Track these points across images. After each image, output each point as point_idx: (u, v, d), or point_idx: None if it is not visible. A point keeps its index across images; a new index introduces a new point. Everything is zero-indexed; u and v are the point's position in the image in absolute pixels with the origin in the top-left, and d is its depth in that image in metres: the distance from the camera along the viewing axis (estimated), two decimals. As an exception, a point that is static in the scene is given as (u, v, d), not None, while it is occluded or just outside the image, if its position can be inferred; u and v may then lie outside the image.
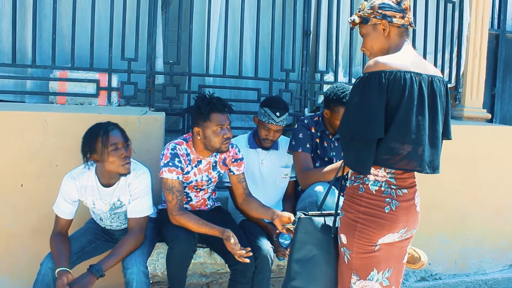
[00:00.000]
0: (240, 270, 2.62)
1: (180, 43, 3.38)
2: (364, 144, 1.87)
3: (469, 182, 3.93)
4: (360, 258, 1.97)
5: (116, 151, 2.47)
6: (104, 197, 2.60)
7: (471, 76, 4.28)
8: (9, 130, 2.87)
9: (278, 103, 2.97)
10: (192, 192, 2.85)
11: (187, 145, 2.75)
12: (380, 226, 1.92)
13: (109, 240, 2.81)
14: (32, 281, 2.49)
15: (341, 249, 2.05)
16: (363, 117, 1.85)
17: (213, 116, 2.62)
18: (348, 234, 1.98)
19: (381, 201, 1.92)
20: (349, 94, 2.01)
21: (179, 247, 2.57)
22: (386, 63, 1.88)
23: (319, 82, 3.78)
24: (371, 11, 2.03)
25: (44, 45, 3.24)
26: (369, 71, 1.88)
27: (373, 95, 1.84)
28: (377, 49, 2.05)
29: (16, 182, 2.90)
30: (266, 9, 3.62)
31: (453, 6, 4.17)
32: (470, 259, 4.01)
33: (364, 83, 1.88)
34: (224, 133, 2.65)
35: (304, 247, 2.10)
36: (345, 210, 2.01)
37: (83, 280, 2.35)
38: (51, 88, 3.16)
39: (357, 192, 1.96)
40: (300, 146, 3.00)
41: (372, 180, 1.94)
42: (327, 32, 3.80)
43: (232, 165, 2.85)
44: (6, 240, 2.91)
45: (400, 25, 2.01)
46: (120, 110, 3.17)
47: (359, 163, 1.89)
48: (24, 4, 3.14)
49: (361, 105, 1.86)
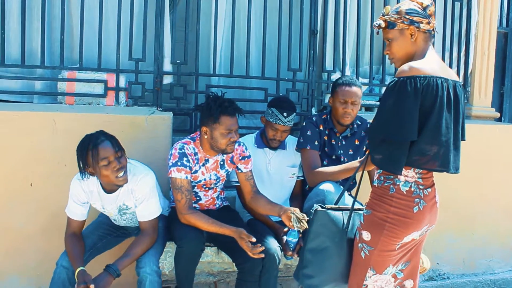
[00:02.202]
0: (247, 269, 2.63)
1: (187, 43, 3.39)
2: (397, 145, 1.95)
3: (478, 181, 3.91)
4: (381, 255, 2.06)
5: (107, 166, 2.42)
6: (109, 202, 2.61)
7: (479, 75, 4.26)
8: (18, 130, 2.90)
9: (285, 103, 2.97)
10: (201, 191, 2.86)
11: (194, 144, 2.75)
12: (407, 225, 2.01)
13: (120, 235, 2.83)
14: (41, 280, 2.53)
15: (358, 244, 2.12)
16: (397, 120, 1.92)
17: (223, 119, 2.62)
18: (375, 232, 2.05)
19: (410, 201, 2.00)
20: (382, 96, 2.06)
21: (187, 245, 2.57)
22: (420, 68, 1.94)
23: (326, 81, 3.77)
24: (398, 16, 2.06)
25: (53, 46, 3.26)
26: (403, 75, 1.94)
27: (409, 99, 1.91)
28: (403, 54, 2.09)
29: (25, 182, 2.93)
30: (273, 9, 3.62)
31: (461, 5, 4.14)
32: (478, 258, 4.00)
33: (399, 87, 1.93)
34: (231, 136, 2.65)
35: (317, 238, 2.23)
36: (373, 208, 2.07)
37: (102, 281, 2.37)
38: (60, 88, 3.18)
39: (387, 192, 2.03)
40: (308, 143, 3.01)
41: (402, 181, 2.01)
42: (334, 31, 3.79)
43: (240, 163, 2.85)
44: (15, 239, 2.93)
45: (426, 30, 2.06)
46: (128, 110, 3.19)
47: (392, 163, 1.97)
48: (32, 4, 3.16)
49: (396, 108, 1.93)
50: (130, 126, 2.95)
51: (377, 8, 3.86)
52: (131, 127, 2.94)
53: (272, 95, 3.52)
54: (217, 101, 2.63)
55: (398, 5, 2.12)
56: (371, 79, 3.89)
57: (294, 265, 3.21)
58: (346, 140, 3.12)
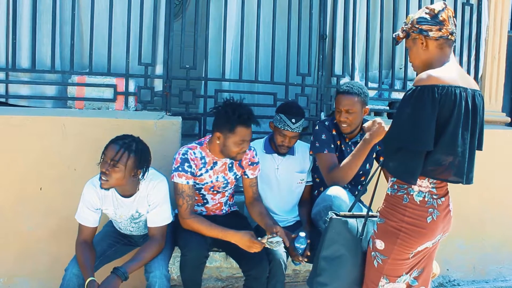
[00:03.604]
0: (254, 276, 2.62)
1: (197, 48, 3.39)
2: (412, 155, 1.93)
3: (488, 187, 3.88)
4: (394, 264, 2.05)
5: (102, 163, 2.46)
6: (123, 208, 2.61)
7: (489, 79, 4.22)
8: (28, 134, 2.92)
9: (293, 109, 2.96)
10: (208, 194, 2.86)
11: (201, 149, 2.75)
12: (421, 235, 2.00)
13: (128, 244, 2.83)
14: (51, 284, 2.53)
15: (372, 253, 2.11)
16: (414, 129, 1.91)
17: (239, 129, 2.62)
18: (388, 241, 2.04)
19: (424, 211, 1.99)
20: (399, 105, 2.04)
21: (191, 253, 2.57)
22: (439, 77, 1.93)
23: (335, 86, 3.75)
24: (411, 26, 2.09)
25: (63, 51, 3.28)
26: (421, 84, 1.93)
27: (426, 109, 1.89)
28: (418, 62, 2.11)
29: (35, 185, 2.95)
30: (282, 13, 3.62)
31: (471, 9, 4.12)
32: (489, 265, 3.96)
33: (417, 96, 1.92)
34: (243, 146, 2.66)
35: (332, 246, 2.22)
36: (386, 217, 2.06)
37: (110, 283, 2.36)
38: (70, 93, 3.20)
39: (401, 202, 2.01)
40: (325, 147, 2.99)
41: (416, 191, 2.00)
42: (343, 36, 3.78)
43: (248, 168, 2.86)
44: (25, 243, 2.95)
45: (438, 37, 2.04)
46: (137, 114, 3.20)
47: (407, 172, 1.95)
48: (42, 9, 3.18)
49: (413, 117, 1.91)
50: (139, 130, 2.95)
51: (386, 12, 3.85)
52: (140, 131, 2.94)
53: (281, 99, 3.51)
54: (236, 111, 2.61)
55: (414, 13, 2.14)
56: (380, 84, 3.87)
57: (302, 271, 3.21)
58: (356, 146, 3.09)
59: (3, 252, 2.94)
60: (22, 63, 3.17)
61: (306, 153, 3.15)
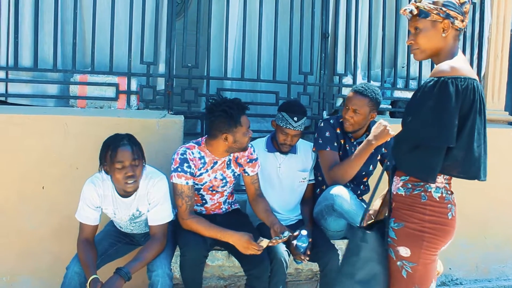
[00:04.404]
0: (255, 275, 2.62)
1: (199, 47, 3.39)
2: (434, 151, 1.82)
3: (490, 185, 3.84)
4: (425, 269, 1.91)
5: (121, 170, 2.43)
6: (123, 208, 2.61)
7: (492, 78, 4.21)
8: (30, 133, 2.92)
9: (295, 108, 2.95)
10: (207, 195, 2.85)
11: (199, 149, 2.74)
12: (446, 233, 1.90)
13: (129, 243, 2.83)
14: (53, 282, 2.53)
15: (397, 263, 1.94)
16: (438, 123, 1.79)
17: (243, 119, 2.65)
18: (413, 246, 1.89)
19: (444, 208, 1.89)
20: (419, 97, 1.87)
21: (190, 254, 2.57)
22: (460, 68, 1.82)
23: (338, 85, 3.76)
24: (434, 7, 1.90)
25: (65, 50, 3.28)
26: (444, 75, 1.81)
27: (451, 101, 1.77)
28: (430, 47, 1.95)
29: (37, 184, 2.95)
30: (284, 12, 3.61)
31: (473, 7, 4.10)
32: (491, 264, 3.95)
33: (440, 87, 1.80)
34: (249, 133, 2.70)
35: (367, 266, 1.97)
36: (405, 220, 1.91)
37: (114, 283, 2.36)
38: (72, 91, 3.20)
39: (419, 201, 1.89)
40: (328, 144, 2.99)
41: (434, 187, 1.89)
42: (346, 34, 3.78)
43: (247, 166, 2.85)
44: (27, 241, 2.96)
45: (459, 28, 1.93)
46: (139, 113, 3.20)
47: (426, 170, 1.84)
48: (45, 8, 3.18)
49: (437, 110, 1.79)
50: (142, 129, 2.96)
51: (388, 11, 3.84)
52: (142, 130, 2.95)
53: (283, 98, 3.51)
54: (232, 106, 2.61)
55: None
56: (382, 83, 3.86)
57: (304, 269, 3.20)
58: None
59: (5, 250, 2.94)
60: (24, 62, 3.17)
61: (308, 152, 3.14)
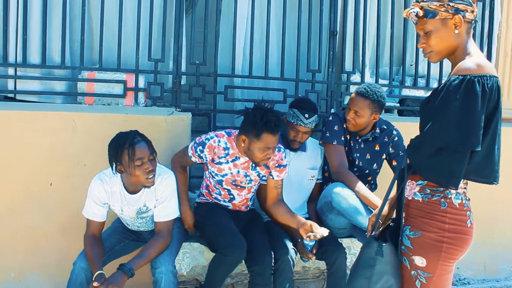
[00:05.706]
0: (257, 272, 2.62)
1: (207, 44, 3.38)
2: (459, 156, 1.69)
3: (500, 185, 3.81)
4: (441, 281, 1.81)
5: (140, 166, 2.43)
6: (131, 203, 2.61)
7: (502, 76, 4.17)
8: (38, 130, 2.92)
9: (307, 105, 2.94)
10: (234, 190, 2.84)
11: (227, 139, 2.75)
12: (464, 242, 1.79)
13: (136, 240, 2.83)
14: (61, 278, 2.53)
15: (411, 272, 1.84)
16: (465, 126, 1.66)
17: (265, 137, 2.57)
18: (430, 256, 1.78)
19: (464, 215, 1.79)
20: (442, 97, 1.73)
21: (233, 255, 2.54)
22: (486, 65, 1.70)
23: (346, 82, 3.74)
24: (440, 4, 1.76)
25: (73, 47, 3.28)
26: (471, 73, 1.68)
27: (477, 102, 1.65)
28: (445, 47, 1.82)
29: (45, 181, 2.95)
30: (292, 10, 3.60)
31: (483, 5, 4.07)
32: (500, 264, 3.92)
33: (466, 86, 1.66)
34: (268, 153, 2.62)
35: (381, 279, 1.87)
36: (423, 228, 1.79)
37: (117, 279, 2.35)
38: (80, 88, 3.20)
39: (438, 208, 1.77)
40: (335, 138, 2.98)
41: (454, 193, 1.78)
42: (354, 32, 3.76)
43: (274, 170, 2.81)
44: (35, 238, 2.96)
45: (470, 20, 1.80)
46: (146, 110, 3.20)
47: (450, 176, 1.72)
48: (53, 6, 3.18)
49: (463, 112, 1.66)
50: (149, 126, 2.95)
51: (397, 8, 3.82)
52: (150, 127, 2.94)
53: (291, 96, 3.49)
54: (264, 117, 2.55)
55: None
56: (391, 81, 3.84)
57: (311, 268, 3.19)
58: (366, 143, 3.08)
59: (13, 247, 2.94)
60: (32, 59, 3.17)
61: (317, 150, 3.14)
